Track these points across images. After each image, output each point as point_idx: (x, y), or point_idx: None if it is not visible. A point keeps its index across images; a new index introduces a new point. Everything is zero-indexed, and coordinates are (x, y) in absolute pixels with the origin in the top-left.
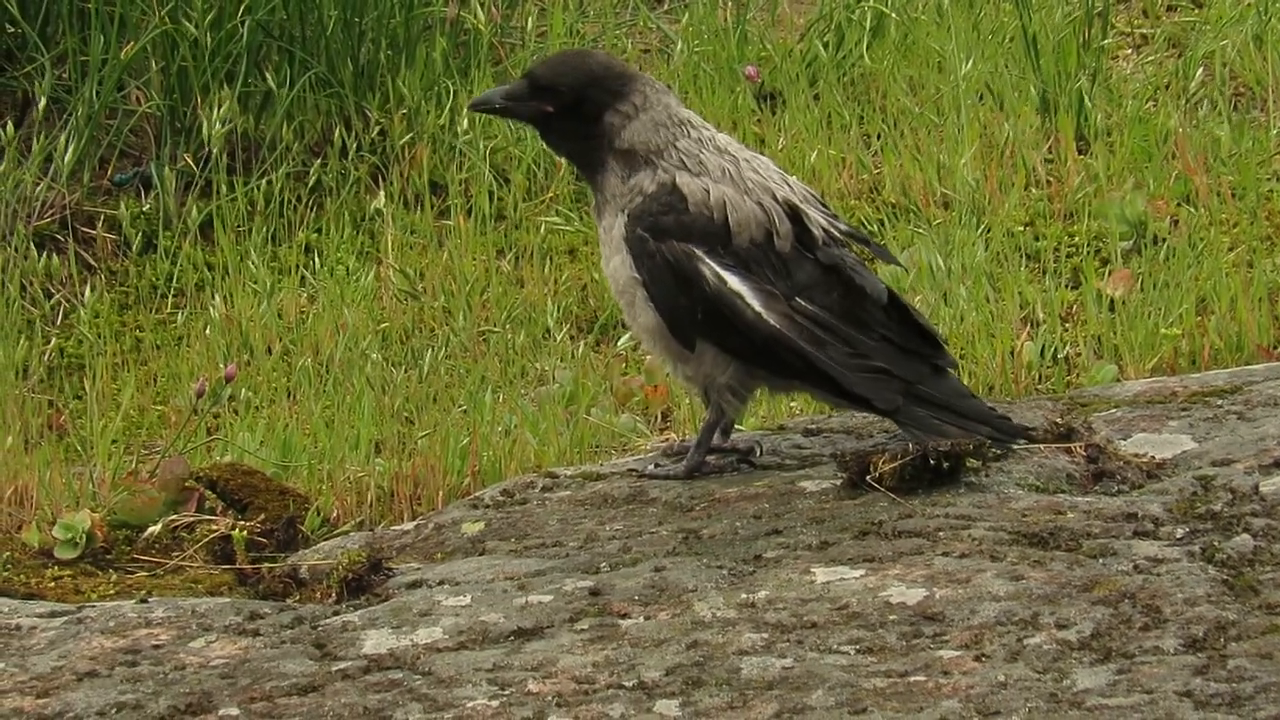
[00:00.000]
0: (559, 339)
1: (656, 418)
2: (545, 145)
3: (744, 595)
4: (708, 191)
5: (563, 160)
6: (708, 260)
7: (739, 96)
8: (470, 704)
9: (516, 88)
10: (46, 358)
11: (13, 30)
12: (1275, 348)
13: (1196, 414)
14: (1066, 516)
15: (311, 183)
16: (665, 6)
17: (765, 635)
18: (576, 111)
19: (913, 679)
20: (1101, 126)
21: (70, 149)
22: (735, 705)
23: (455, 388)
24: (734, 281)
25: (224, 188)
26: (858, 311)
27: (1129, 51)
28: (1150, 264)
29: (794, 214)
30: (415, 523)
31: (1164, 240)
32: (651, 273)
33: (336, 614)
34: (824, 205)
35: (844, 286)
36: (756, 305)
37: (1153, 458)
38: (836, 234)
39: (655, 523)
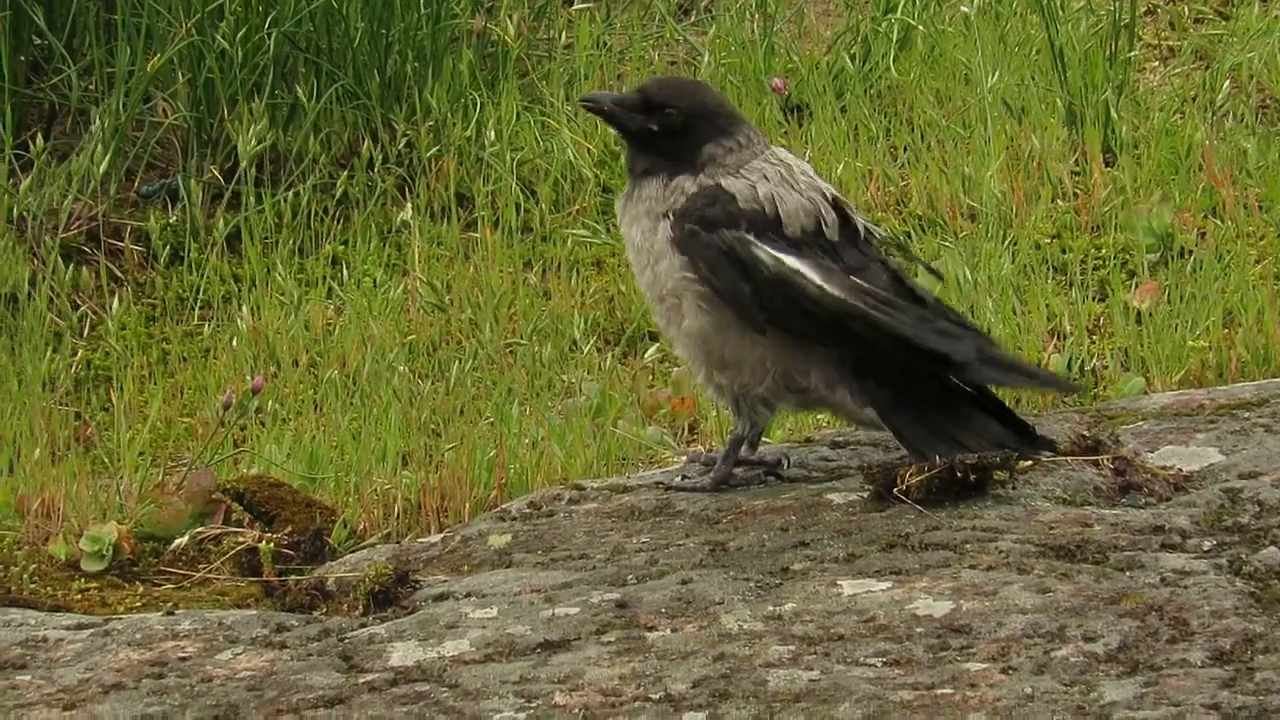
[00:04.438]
0: (586, 351)
1: (683, 430)
2: (626, 152)
3: (771, 608)
4: (754, 188)
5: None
6: (761, 244)
7: (766, 108)
8: (497, 716)
9: (629, 99)
10: (74, 370)
11: (39, 42)
12: None
13: (1223, 426)
14: (1094, 529)
15: (338, 195)
16: (692, 18)
17: (792, 648)
18: (679, 137)
19: (940, 691)
20: (1128, 139)
21: (98, 161)
22: (762, 717)
23: (482, 400)
24: (792, 261)
25: (251, 200)
26: (911, 290)
27: (1156, 64)
28: (1177, 276)
29: (839, 209)
30: (442, 535)
31: (1191, 253)
32: (710, 263)
33: (363, 626)
34: (855, 210)
35: (891, 274)
36: (819, 280)
37: (1180, 470)
38: (876, 235)
39: (682, 535)
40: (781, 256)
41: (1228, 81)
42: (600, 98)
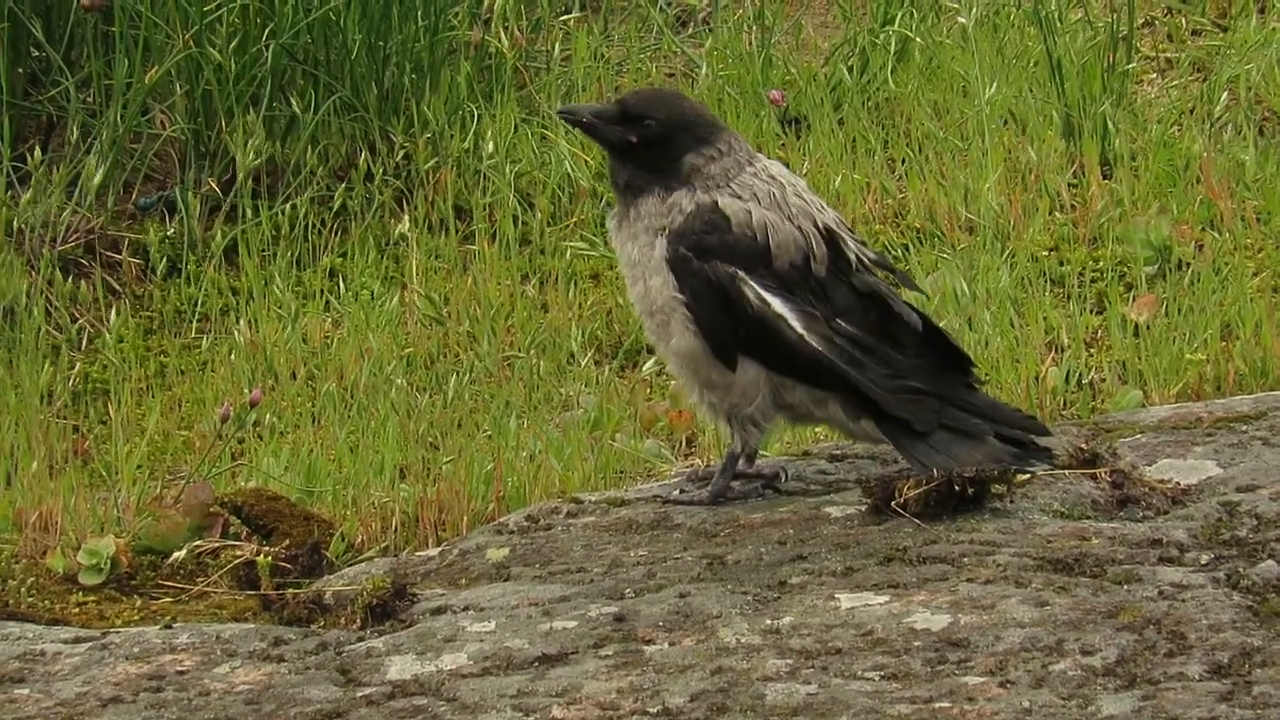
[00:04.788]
0: (583, 364)
1: (681, 443)
2: (608, 164)
3: (768, 621)
4: (749, 213)
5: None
6: (750, 282)
7: (764, 121)
8: None
9: (607, 110)
10: (71, 383)
11: (37, 54)
12: None
13: (1221, 439)
14: (1091, 542)
15: (336, 207)
16: (690, 30)
17: (790, 661)
18: (658, 148)
19: (937, 705)
20: (1126, 151)
21: (96, 173)
22: None
23: (480, 413)
24: (777, 304)
25: (249, 212)
26: (893, 332)
27: (1153, 76)
28: (1175, 289)
29: (831, 240)
30: (440, 548)
31: (1188, 265)
32: (695, 292)
33: (361, 640)
34: (851, 231)
35: (879, 310)
36: (799, 327)
37: (1178, 483)
38: (867, 261)
39: (680, 548)
40: (768, 298)
41: (1225, 93)
42: (579, 109)
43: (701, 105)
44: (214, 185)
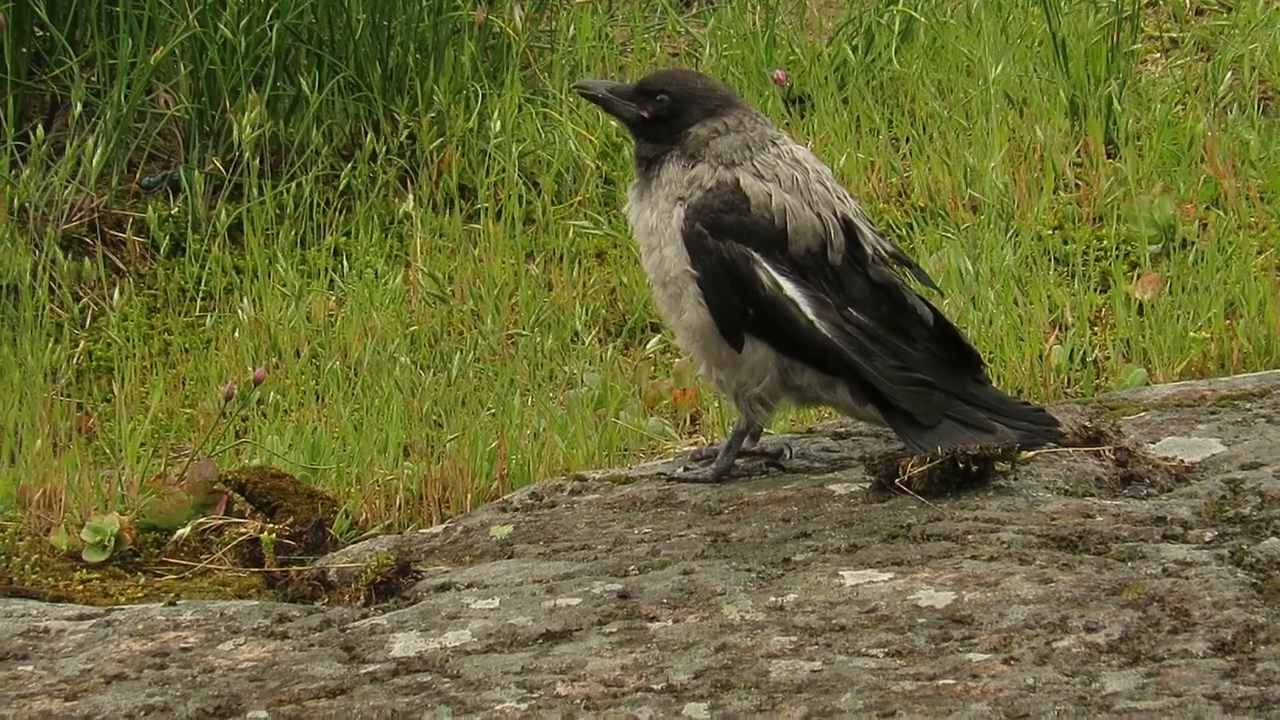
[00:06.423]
0: (587, 342)
1: (685, 421)
2: (634, 144)
3: (773, 598)
4: (770, 195)
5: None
6: (764, 264)
7: (768, 100)
8: (499, 707)
9: (624, 86)
10: (75, 361)
11: (41, 34)
12: None
13: (1225, 417)
14: (1095, 520)
15: (341, 186)
16: (694, 10)
17: (794, 638)
18: (669, 121)
19: (941, 682)
20: (1130, 130)
21: (99, 152)
22: (764, 708)
23: (484, 391)
24: (789, 288)
25: (253, 191)
26: (904, 326)
27: (1158, 56)
28: (1179, 267)
29: (849, 229)
30: (444, 526)
31: (1192, 244)
32: (707, 270)
33: (365, 617)
34: (871, 223)
35: (892, 303)
36: (810, 313)
37: (1181, 461)
38: (884, 253)
39: (684, 526)
40: (781, 281)
41: (1229, 73)
42: (595, 84)
43: (717, 82)
44: (218, 164)
